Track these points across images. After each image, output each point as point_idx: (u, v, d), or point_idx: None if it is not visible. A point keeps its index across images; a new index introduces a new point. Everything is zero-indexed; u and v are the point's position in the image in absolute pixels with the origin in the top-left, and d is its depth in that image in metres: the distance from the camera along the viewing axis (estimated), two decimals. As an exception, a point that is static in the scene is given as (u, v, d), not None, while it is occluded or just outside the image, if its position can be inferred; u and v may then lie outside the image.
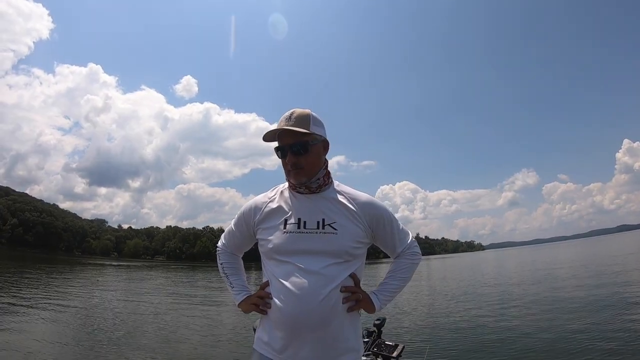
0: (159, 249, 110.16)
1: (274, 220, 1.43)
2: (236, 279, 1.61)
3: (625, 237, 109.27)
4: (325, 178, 1.45)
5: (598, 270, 18.43)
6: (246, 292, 1.56)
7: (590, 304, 9.48)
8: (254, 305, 1.45)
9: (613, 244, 59.57)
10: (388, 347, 2.43)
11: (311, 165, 1.40)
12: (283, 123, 1.38)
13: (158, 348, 6.72)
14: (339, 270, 1.35)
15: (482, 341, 6.77)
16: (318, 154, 1.43)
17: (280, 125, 1.39)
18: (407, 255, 1.54)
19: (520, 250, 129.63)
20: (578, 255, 37.75)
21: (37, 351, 6.18)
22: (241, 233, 1.56)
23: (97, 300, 13.31)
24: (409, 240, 1.55)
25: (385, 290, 1.51)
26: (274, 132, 1.40)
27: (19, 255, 60.80)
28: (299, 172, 1.39)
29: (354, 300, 1.37)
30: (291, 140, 1.38)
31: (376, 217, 1.45)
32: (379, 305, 1.47)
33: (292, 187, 1.45)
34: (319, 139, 1.43)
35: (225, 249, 1.65)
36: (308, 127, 1.38)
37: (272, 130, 1.40)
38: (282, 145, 1.41)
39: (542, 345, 6.21)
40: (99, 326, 8.45)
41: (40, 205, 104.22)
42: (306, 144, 1.38)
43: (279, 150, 1.42)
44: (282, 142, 1.41)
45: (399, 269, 1.54)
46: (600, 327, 6.93)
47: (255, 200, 1.52)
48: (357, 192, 1.48)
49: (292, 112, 1.39)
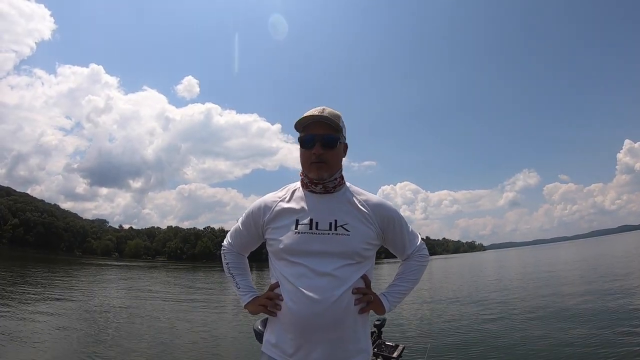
0: (160, 249, 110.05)
1: (285, 220, 1.40)
2: (242, 279, 1.58)
3: (627, 237, 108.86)
4: (340, 179, 1.44)
5: (600, 271, 18.37)
6: (253, 293, 1.53)
7: (591, 304, 9.45)
8: (262, 307, 1.42)
9: (614, 244, 59.35)
10: (388, 348, 2.42)
11: (335, 161, 1.39)
12: (316, 114, 1.36)
13: (159, 349, 6.72)
14: (351, 271, 1.34)
15: (483, 342, 6.75)
16: (341, 153, 1.44)
17: (313, 116, 1.36)
18: (416, 257, 1.55)
19: (521, 250, 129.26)
20: (579, 255, 37.59)
21: (38, 351, 6.19)
22: (249, 232, 1.53)
23: (97, 300, 13.30)
24: (418, 242, 1.56)
25: (395, 292, 1.52)
26: (307, 118, 1.36)
27: (19, 255, 60.78)
28: (322, 167, 1.37)
29: (365, 302, 1.37)
30: (323, 131, 1.36)
31: (387, 218, 1.44)
32: (389, 306, 1.47)
33: (306, 186, 1.43)
34: (344, 140, 1.44)
35: (231, 248, 1.61)
36: (339, 124, 1.38)
37: (307, 116, 1.36)
38: (312, 134, 1.37)
39: (543, 346, 6.19)
40: (100, 327, 8.45)
41: (41, 206, 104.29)
42: (336, 140, 1.38)
43: (306, 139, 1.38)
44: (312, 131, 1.37)
45: (408, 270, 1.55)
46: (602, 328, 6.91)
47: (265, 199, 1.49)
48: (368, 193, 1.48)
49: (324, 109, 1.38)
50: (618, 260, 24.48)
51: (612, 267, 19.40)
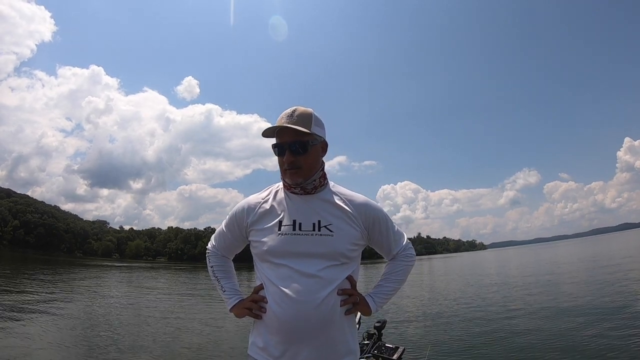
0: (161, 250, 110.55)
1: (268, 221, 1.38)
2: (227, 282, 1.55)
3: (627, 235, 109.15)
4: (321, 179, 1.41)
5: (601, 270, 18.40)
6: (238, 297, 1.50)
7: (592, 303, 9.44)
8: (247, 310, 1.40)
9: (615, 242, 59.50)
10: (388, 350, 2.43)
11: (309, 166, 1.36)
12: (284, 120, 1.34)
13: (159, 350, 6.72)
14: (336, 272, 1.32)
15: (484, 343, 6.73)
16: (316, 155, 1.39)
17: (280, 122, 1.34)
18: (402, 257, 1.53)
19: (522, 249, 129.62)
20: (580, 254, 37.71)
21: (39, 352, 6.19)
22: (233, 235, 1.51)
23: (98, 301, 13.33)
24: (404, 242, 1.54)
25: (381, 292, 1.50)
26: (273, 128, 1.35)
27: (20, 256, 61.04)
28: (296, 172, 1.34)
29: (351, 303, 1.35)
30: (290, 138, 1.33)
31: (372, 218, 1.42)
32: (375, 307, 1.46)
33: (287, 187, 1.41)
34: (319, 140, 1.39)
35: (215, 251, 1.58)
36: (309, 126, 1.33)
37: (272, 127, 1.35)
38: (280, 143, 1.35)
39: (544, 346, 6.17)
40: (101, 328, 8.45)
41: (41, 207, 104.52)
42: (306, 144, 1.33)
43: (277, 147, 1.36)
44: (280, 140, 1.35)
45: (394, 271, 1.53)
46: (603, 327, 6.89)
47: (248, 200, 1.47)
48: (352, 193, 1.45)
49: (295, 110, 1.35)
50: (619, 258, 24.48)
51: (613, 266, 19.39)
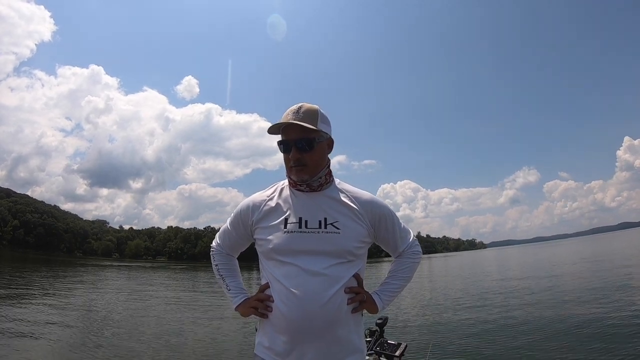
0: (161, 249, 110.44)
1: (273, 219, 1.37)
2: (232, 281, 1.53)
3: (627, 234, 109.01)
4: (327, 177, 1.40)
5: (601, 269, 18.40)
6: (244, 295, 1.48)
7: (593, 303, 9.45)
8: (253, 309, 1.39)
9: (615, 241, 59.42)
10: (391, 346, 2.40)
11: (315, 163, 1.34)
12: (290, 116, 1.31)
13: (160, 349, 6.72)
14: (342, 270, 1.31)
15: (485, 339, 6.75)
16: (322, 152, 1.38)
17: (286, 119, 1.31)
18: (408, 255, 1.52)
19: (522, 248, 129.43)
20: (580, 253, 37.64)
21: (39, 352, 6.20)
22: (238, 233, 1.49)
23: (98, 301, 13.31)
24: (410, 239, 1.53)
25: (388, 290, 1.49)
26: (279, 125, 1.33)
27: (20, 256, 60.92)
28: (302, 169, 1.33)
29: (358, 301, 1.34)
30: (297, 135, 1.31)
31: (379, 215, 1.40)
32: (382, 305, 1.44)
33: (293, 185, 1.39)
34: (325, 137, 1.37)
35: (220, 249, 1.56)
36: (316, 123, 1.31)
37: (278, 123, 1.33)
38: (286, 140, 1.34)
39: (545, 343, 6.19)
40: (101, 327, 8.46)
41: (41, 207, 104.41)
42: (312, 141, 1.32)
43: (283, 144, 1.35)
44: (286, 137, 1.34)
45: (400, 268, 1.51)
46: (604, 326, 6.91)
47: (253, 198, 1.45)
48: (358, 190, 1.43)
49: (301, 106, 1.33)
50: (619, 258, 24.49)
51: (613, 265, 19.41)
